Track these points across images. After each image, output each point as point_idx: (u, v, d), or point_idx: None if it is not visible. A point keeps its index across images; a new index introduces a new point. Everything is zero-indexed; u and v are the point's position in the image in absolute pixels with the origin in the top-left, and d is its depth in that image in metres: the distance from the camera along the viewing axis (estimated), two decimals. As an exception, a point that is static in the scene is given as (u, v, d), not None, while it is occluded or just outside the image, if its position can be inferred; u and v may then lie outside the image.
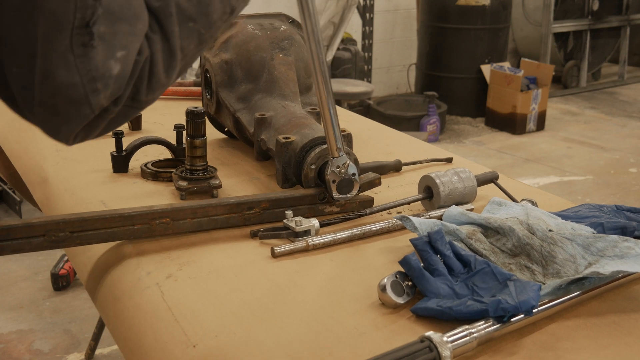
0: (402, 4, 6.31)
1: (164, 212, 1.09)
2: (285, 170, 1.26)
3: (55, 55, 0.65)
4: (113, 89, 0.69)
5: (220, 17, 0.78)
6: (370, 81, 5.75)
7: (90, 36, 0.66)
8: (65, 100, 0.67)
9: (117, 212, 1.07)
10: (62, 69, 0.65)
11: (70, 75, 0.66)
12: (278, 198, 1.17)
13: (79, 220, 1.04)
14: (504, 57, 5.90)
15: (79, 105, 0.67)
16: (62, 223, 1.03)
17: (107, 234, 1.07)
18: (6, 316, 2.86)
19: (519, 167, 4.79)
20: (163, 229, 1.10)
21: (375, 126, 1.85)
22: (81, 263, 1.18)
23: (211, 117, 1.59)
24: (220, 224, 1.14)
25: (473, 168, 1.38)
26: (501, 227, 1.06)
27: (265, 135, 1.34)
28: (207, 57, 1.49)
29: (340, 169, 1.16)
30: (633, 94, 6.81)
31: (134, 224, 1.08)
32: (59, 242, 1.03)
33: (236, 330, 0.88)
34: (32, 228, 1.01)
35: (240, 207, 1.15)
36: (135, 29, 0.69)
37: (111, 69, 0.67)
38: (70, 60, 0.65)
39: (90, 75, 0.66)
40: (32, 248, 1.02)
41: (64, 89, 0.66)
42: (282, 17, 1.54)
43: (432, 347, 0.79)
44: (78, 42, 0.65)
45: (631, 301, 0.97)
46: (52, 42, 0.65)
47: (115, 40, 0.67)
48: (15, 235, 1.00)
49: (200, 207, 1.12)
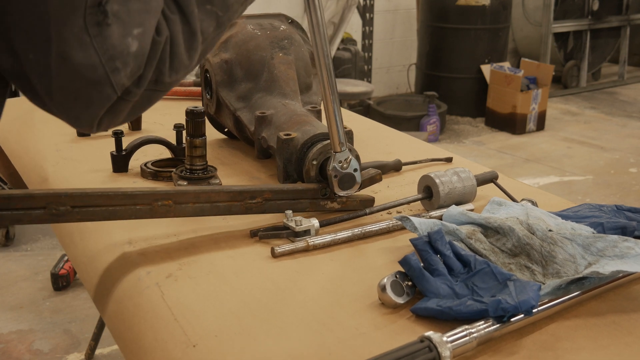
0: (402, 4, 6.31)
1: (167, 194, 1.09)
2: (287, 166, 1.26)
3: (70, 36, 0.64)
4: (133, 67, 0.68)
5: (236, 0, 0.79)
6: (370, 81, 5.75)
7: (104, 15, 0.65)
8: (85, 83, 0.66)
9: (120, 190, 1.06)
10: (78, 50, 0.64)
11: (87, 56, 0.65)
12: (281, 189, 1.17)
13: (81, 195, 1.03)
14: (504, 57, 5.90)
15: (100, 86, 0.66)
16: (64, 196, 1.01)
17: (108, 211, 1.05)
18: (6, 316, 2.86)
19: (519, 167, 4.79)
20: (165, 211, 1.09)
21: (375, 126, 1.86)
22: (81, 263, 1.18)
23: (211, 117, 1.59)
24: (222, 210, 1.13)
25: (473, 168, 1.38)
26: (501, 227, 1.06)
27: (265, 133, 1.34)
28: (207, 57, 1.49)
29: (342, 164, 1.16)
30: (633, 94, 6.81)
31: (135, 203, 1.06)
32: (59, 216, 1.02)
33: (236, 330, 0.88)
34: (33, 199, 1.00)
35: (242, 196, 1.14)
36: (149, 6, 0.68)
37: (129, 46, 0.66)
38: (87, 40, 0.64)
39: (109, 54, 0.65)
40: (32, 220, 1.00)
41: (83, 71, 0.65)
42: (281, 17, 1.54)
43: (431, 347, 0.79)
44: (92, 21, 0.64)
45: (631, 301, 0.97)
46: (66, 23, 0.64)
47: (130, 17, 0.66)
48: (15, 205, 0.98)
49: (204, 192, 1.12)
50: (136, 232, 1.15)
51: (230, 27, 1.51)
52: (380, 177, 1.25)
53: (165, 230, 1.16)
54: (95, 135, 1.66)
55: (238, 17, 0.88)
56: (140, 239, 1.13)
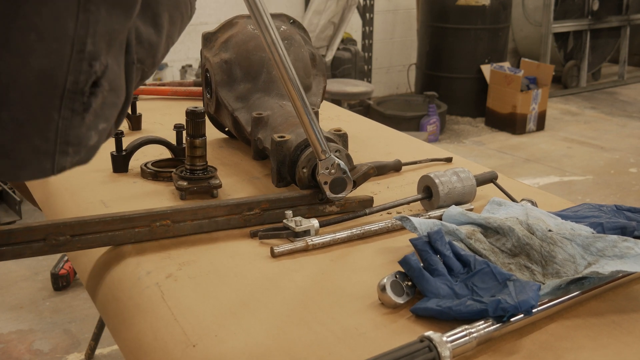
0: (402, 4, 6.32)
1: (164, 215, 1.10)
2: (280, 169, 1.26)
3: (38, 108, 0.59)
4: (82, 158, 0.64)
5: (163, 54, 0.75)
6: (370, 81, 5.75)
7: (84, 107, 0.61)
8: (29, 149, 0.60)
9: (118, 214, 1.07)
10: (40, 123, 0.59)
11: (46, 131, 0.60)
12: (278, 198, 1.18)
13: (79, 224, 1.04)
14: (504, 57, 5.91)
15: (42, 157, 0.61)
16: (63, 226, 1.03)
17: (107, 237, 1.07)
18: (6, 316, 2.86)
19: (519, 167, 4.79)
20: (164, 231, 1.10)
21: (375, 126, 1.86)
22: (81, 263, 1.18)
23: (211, 117, 1.59)
24: (220, 225, 1.14)
25: (473, 168, 1.38)
26: (501, 227, 1.06)
27: (262, 134, 1.34)
28: (208, 57, 1.49)
29: (330, 170, 1.16)
30: (633, 94, 6.81)
31: (134, 226, 1.08)
32: (59, 246, 1.03)
33: (235, 329, 0.88)
34: (33, 231, 1.01)
35: (240, 208, 1.15)
36: (118, 100, 0.65)
37: (89, 140, 0.63)
38: (54, 117, 0.60)
39: (66, 139, 0.61)
40: (33, 253, 1.02)
41: (34, 139, 0.60)
42: (282, 17, 1.54)
43: (431, 346, 0.79)
44: (68, 106, 0.60)
45: (630, 301, 0.97)
46: (42, 94, 0.59)
47: (102, 111, 0.63)
48: (15, 239, 1.00)
49: (201, 208, 1.12)
50: (136, 232, 1.15)
51: (231, 27, 1.51)
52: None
53: (165, 230, 1.16)
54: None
55: None
56: (140, 239, 1.13)
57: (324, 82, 1.55)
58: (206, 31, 1.52)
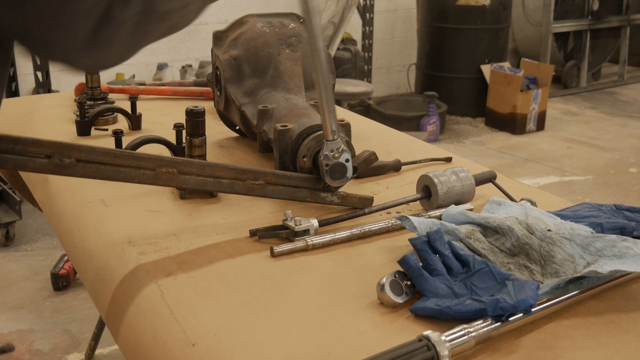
0: (402, 4, 6.32)
1: (172, 162, 1.09)
2: (282, 157, 1.27)
3: None
4: None
5: None
6: (370, 81, 5.75)
7: None
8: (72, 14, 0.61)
9: (126, 150, 1.07)
10: None
11: None
12: (283, 175, 1.18)
13: (87, 150, 1.02)
14: (504, 57, 5.91)
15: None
16: (71, 148, 1.01)
17: (112, 170, 1.05)
18: (6, 316, 2.86)
19: (519, 167, 4.80)
20: (168, 179, 1.09)
21: (375, 126, 1.86)
22: (81, 263, 1.18)
23: (222, 115, 1.61)
24: (224, 187, 1.14)
25: (472, 168, 1.38)
26: (500, 227, 1.07)
27: (267, 126, 1.36)
28: (217, 54, 1.51)
29: (334, 153, 1.16)
30: (633, 94, 6.81)
31: (140, 167, 1.07)
32: (63, 168, 1.01)
33: (235, 329, 0.89)
34: (40, 145, 0.99)
35: (246, 175, 1.15)
36: None
37: None
38: None
39: None
40: (35, 168, 0.99)
41: None
42: (292, 16, 1.56)
43: (430, 346, 0.80)
44: None
45: (629, 300, 0.97)
46: None
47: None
48: (21, 150, 0.97)
49: (209, 165, 1.12)
50: (136, 232, 1.16)
51: (241, 25, 1.53)
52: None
53: (165, 230, 1.16)
54: (95, 135, 1.67)
55: None
56: (140, 239, 1.13)
57: (333, 80, 1.56)
58: (217, 30, 1.55)
